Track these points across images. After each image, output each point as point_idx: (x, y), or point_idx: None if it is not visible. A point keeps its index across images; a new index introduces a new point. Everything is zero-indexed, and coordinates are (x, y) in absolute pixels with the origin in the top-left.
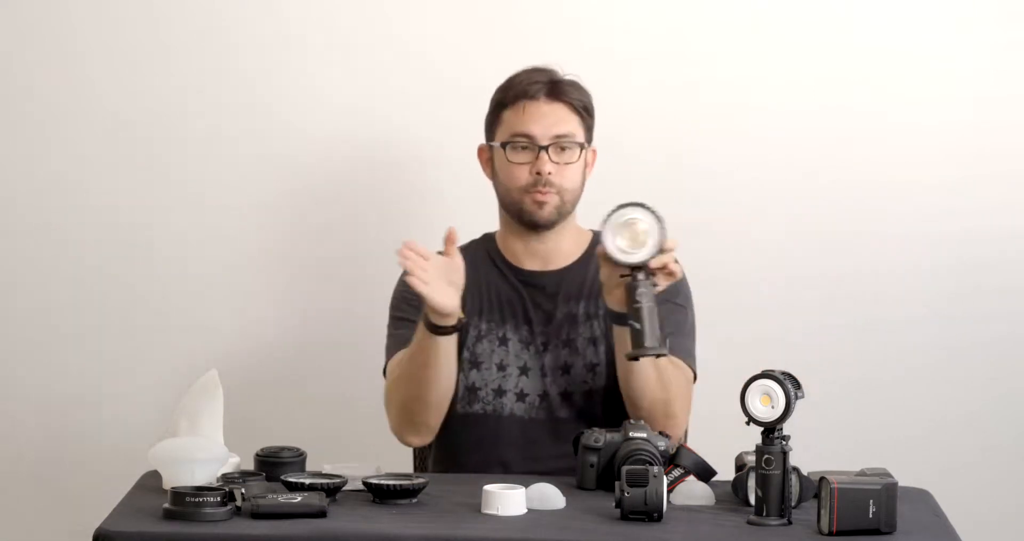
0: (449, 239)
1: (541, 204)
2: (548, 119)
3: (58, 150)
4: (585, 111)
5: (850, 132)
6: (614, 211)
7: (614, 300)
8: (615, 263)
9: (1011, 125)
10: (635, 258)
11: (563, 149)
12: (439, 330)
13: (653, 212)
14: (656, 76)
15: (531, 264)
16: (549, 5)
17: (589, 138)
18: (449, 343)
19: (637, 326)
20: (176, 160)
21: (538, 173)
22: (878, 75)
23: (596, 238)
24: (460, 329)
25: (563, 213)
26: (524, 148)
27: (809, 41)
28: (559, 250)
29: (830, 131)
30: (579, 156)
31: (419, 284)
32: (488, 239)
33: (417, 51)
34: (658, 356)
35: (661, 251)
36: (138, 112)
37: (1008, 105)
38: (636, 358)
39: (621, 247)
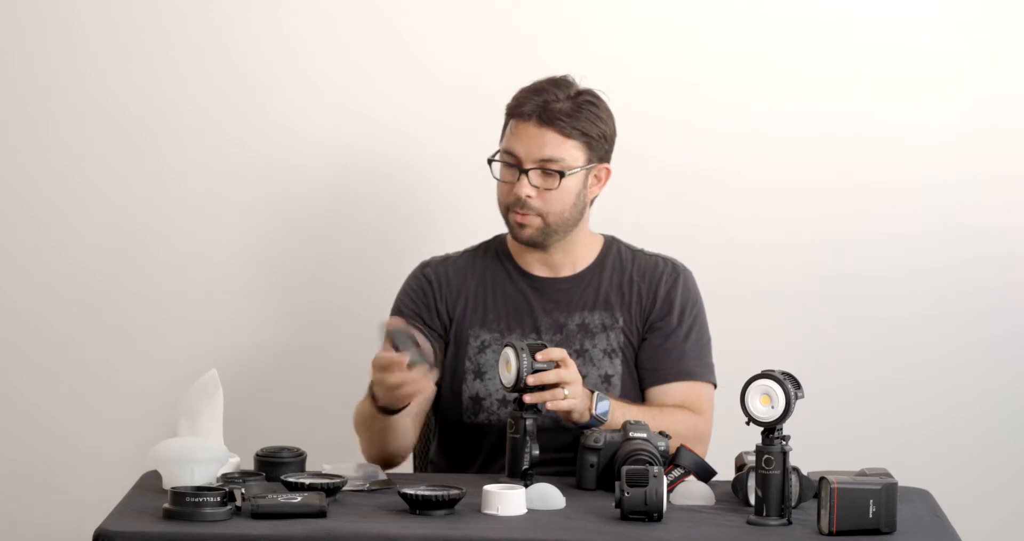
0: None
1: (522, 226)
2: (534, 142)
3: (59, 152)
4: (584, 135)
5: (850, 133)
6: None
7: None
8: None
9: (1011, 125)
10: (505, 386)
11: (546, 174)
12: (388, 411)
13: (518, 351)
14: (658, 77)
15: (540, 270)
16: (551, 7)
17: (592, 158)
18: (399, 416)
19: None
20: (179, 160)
21: (516, 196)
22: (878, 76)
23: (610, 242)
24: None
25: (549, 234)
26: (510, 166)
27: (810, 42)
28: (567, 259)
29: (831, 132)
30: (559, 183)
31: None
32: (500, 240)
33: (416, 52)
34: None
35: (542, 387)
36: (139, 114)
37: (1007, 105)
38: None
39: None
